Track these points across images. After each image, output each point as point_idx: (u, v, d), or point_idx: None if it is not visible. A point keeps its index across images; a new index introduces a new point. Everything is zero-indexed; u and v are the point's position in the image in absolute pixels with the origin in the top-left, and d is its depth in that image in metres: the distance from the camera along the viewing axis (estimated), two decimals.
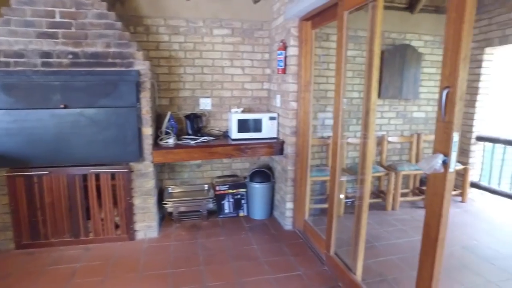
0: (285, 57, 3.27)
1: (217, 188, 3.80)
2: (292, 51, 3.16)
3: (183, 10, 3.62)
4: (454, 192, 4.33)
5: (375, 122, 2.11)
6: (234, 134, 3.52)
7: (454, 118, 1.40)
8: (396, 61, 4.23)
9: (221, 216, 3.81)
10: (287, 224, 3.47)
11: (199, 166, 3.97)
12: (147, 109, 3.03)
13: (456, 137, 1.41)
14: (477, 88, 4.36)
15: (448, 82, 1.42)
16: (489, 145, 4.44)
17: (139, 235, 3.25)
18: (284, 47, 3.27)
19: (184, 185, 3.95)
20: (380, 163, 4.26)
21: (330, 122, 4.08)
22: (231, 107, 3.88)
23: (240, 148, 3.37)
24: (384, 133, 4.37)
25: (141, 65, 2.95)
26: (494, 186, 4.37)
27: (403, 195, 4.26)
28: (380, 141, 4.29)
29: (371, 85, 2.09)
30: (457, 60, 1.39)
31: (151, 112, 3.07)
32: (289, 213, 3.44)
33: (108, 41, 2.88)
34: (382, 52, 4.19)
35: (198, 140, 3.41)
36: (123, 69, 2.91)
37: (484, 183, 4.49)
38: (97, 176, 3.04)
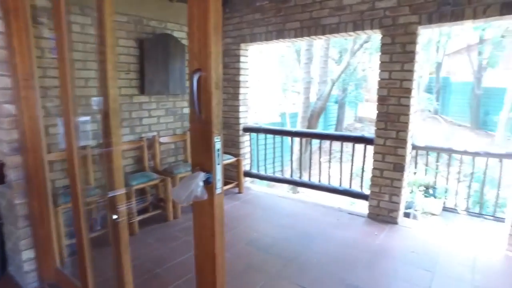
0: None
1: None
2: None
3: None
4: (229, 186, 4.37)
5: (119, 125, 1.49)
6: None
7: (213, 115, 0.95)
8: (159, 53, 3.78)
9: None
10: (31, 282, 2.38)
11: None
12: None
13: (218, 143, 0.97)
14: (238, 81, 4.52)
15: (199, 63, 0.96)
16: (253, 135, 4.73)
17: None
18: None
19: None
20: (154, 169, 3.73)
21: (90, 127, 3.21)
22: None
23: None
24: (155, 133, 3.86)
25: None
26: (262, 172, 4.71)
27: None
28: (151, 144, 3.74)
29: (108, 77, 1.44)
30: (206, 29, 0.94)
31: None
32: (30, 266, 2.36)
33: None
34: (142, 41, 3.63)
35: None
36: None
37: (254, 170, 4.78)
38: None
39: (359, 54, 12.38)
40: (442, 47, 15.85)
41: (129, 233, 1.72)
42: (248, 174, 4.72)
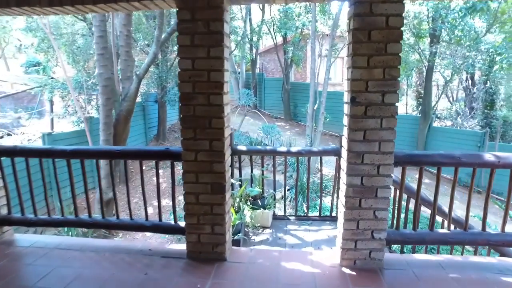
0: None
1: None
2: None
3: None
4: None
5: None
6: None
7: None
8: None
9: None
10: None
11: None
12: None
13: None
14: None
15: None
16: (7, 160, 3.04)
17: None
18: None
19: None
20: None
21: None
22: None
23: None
24: None
25: None
26: (30, 214, 3.08)
27: None
28: None
29: None
30: None
31: None
32: None
33: None
34: None
35: None
36: None
37: (17, 214, 3.10)
38: None
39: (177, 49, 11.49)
40: (254, 45, 16.88)
41: None
42: (6, 221, 3.01)
